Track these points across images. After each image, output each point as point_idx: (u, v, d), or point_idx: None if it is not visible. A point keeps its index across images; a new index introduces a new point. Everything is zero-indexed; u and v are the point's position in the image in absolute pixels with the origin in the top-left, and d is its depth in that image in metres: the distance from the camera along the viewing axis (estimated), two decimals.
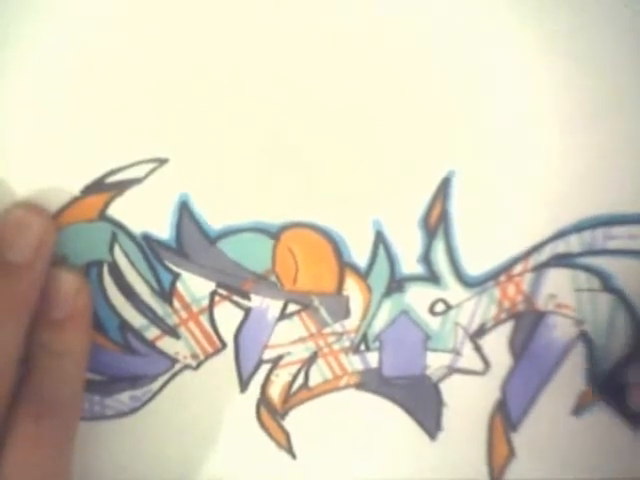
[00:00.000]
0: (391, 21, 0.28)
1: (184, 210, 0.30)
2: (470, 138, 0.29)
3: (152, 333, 0.31)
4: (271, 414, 0.33)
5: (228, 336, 0.32)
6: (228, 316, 0.31)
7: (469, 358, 0.33)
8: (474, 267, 0.31)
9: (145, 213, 0.30)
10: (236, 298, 0.31)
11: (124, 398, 0.32)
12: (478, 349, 0.32)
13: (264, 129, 0.29)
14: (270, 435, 0.34)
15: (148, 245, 0.30)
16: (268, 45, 0.28)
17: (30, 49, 0.27)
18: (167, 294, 0.31)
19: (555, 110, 0.29)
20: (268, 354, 0.32)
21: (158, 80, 0.28)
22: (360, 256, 0.31)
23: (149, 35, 0.27)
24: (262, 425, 0.33)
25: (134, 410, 0.33)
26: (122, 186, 0.29)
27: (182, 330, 0.32)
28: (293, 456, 0.34)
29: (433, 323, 0.32)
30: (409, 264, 0.31)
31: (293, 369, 0.33)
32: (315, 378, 0.33)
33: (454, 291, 0.31)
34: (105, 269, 0.30)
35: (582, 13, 0.28)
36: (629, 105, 0.29)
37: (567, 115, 0.29)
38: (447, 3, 0.28)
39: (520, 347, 0.32)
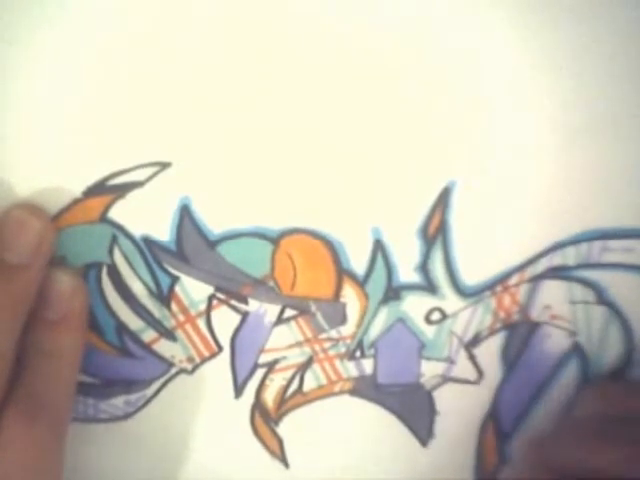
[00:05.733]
0: (393, 33, 0.28)
1: (185, 213, 0.30)
2: (471, 150, 0.29)
3: (149, 336, 0.31)
4: (265, 420, 0.33)
5: (225, 340, 0.32)
6: (225, 320, 0.31)
7: (463, 367, 0.33)
8: (471, 277, 0.31)
9: (146, 216, 0.30)
10: (234, 302, 0.31)
11: (118, 403, 0.32)
12: (472, 358, 0.33)
13: (266, 135, 0.29)
14: (263, 442, 0.34)
15: (148, 248, 0.30)
16: (271, 54, 0.28)
17: (32, 50, 0.27)
18: (165, 297, 0.31)
19: (554, 124, 0.29)
20: (263, 358, 0.32)
21: (162, 84, 0.28)
22: (358, 263, 0.31)
23: (152, 39, 0.27)
24: (255, 431, 0.33)
25: (128, 415, 0.33)
26: (124, 189, 0.29)
27: (179, 333, 0.32)
28: (285, 463, 0.34)
29: (428, 332, 0.32)
30: (407, 272, 0.31)
31: (288, 374, 0.33)
32: (310, 383, 0.33)
33: (450, 300, 0.32)
34: (104, 271, 0.30)
35: (583, 28, 0.28)
36: (627, 120, 0.29)
37: (566, 129, 0.29)
38: (449, 17, 0.28)
39: (514, 357, 0.33)
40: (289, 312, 0.32)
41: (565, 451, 0.30)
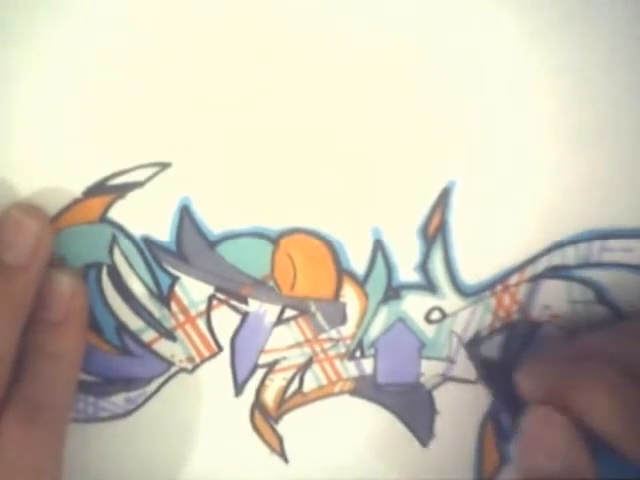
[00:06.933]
0: (394, 33, 0.28)
1: (185, 214, 0.30)
2: (471, 150, 0.29)
3: (149, 336, 0.31)
4: (265, 418, 0.33)
5: (225, 340, 0.32)
6: (225, 320, 0.31)
7: (463, 366, 0.33)
8: (471, 276, 0.31)
9: (146, 216, 0.30)
10: (234, 302, 0.31)
11: (119, 400, 0.32)
12: (472, 358, 0.33)
13: (266, 135, 0.29)
14: (263, 439, 0.34)
15: (148, 248, 0.30)
16: (271, 54, 0.28)
17: (33, 51, 0.27)
18: (165, 297, 0.31)
19: (554, 124, 0.29)
20: (264, 358, 0.32)
21: (162, 84, 0.28)
22: (358, 263, 0.31)
23: (153, 39, 0.27)
24: (256, 429, 0.33)
25: (128, 412, 0.33)
26: (124, 189, 0.29)
27: (179, 333, 0.32)
28: (285, 460, 0.34)
29: (428, 331, 0.32)
30: (407, 272, 0.31)
31: (288, 374, 0.33)
32: (310, 383, 0.33)
33: (450, 300, 0.32)
34: (104, 271, 0.30)
35: (583, 28, 0.28)
36: (627, 120, 0.29)
37: (566, 130, 0.29)
38: (449, 17, 0.28)
39: (514, 357, 0.33)
40: (289, 312, 0.32)
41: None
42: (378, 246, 0.31)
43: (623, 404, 0.27)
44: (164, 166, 0.29)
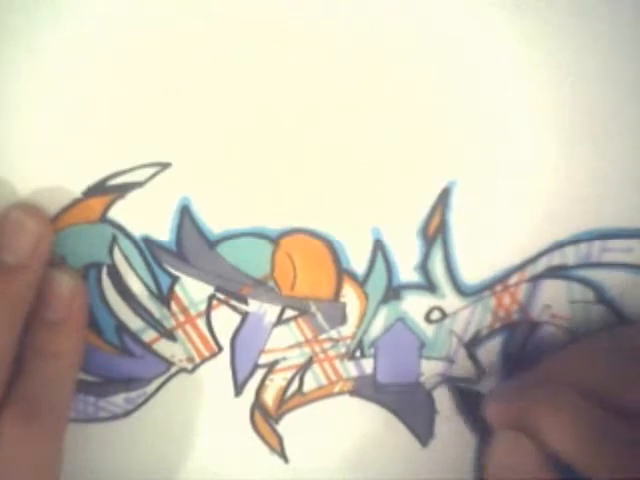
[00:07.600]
0: (393, 33, 0.28)
1: (185, 214, 0.30)
2: (471, 150, 0.29)
3: (149, 336, 0.31)
4: (265, 418, 0.33)
5: (225, 340, 0.32)
6: (225, 320, 0.31)
7: (463, 366, 0.33)
8: (471, 276, 0.31)
9: (146, 216, 0.30)
10: (234, 302, 0.31)
11: (118, 400, 0.32)
12: (472, 357, 0.33)
13: (266, 135, 0.29)
14: (263, 439, 0.34)
15: (148, 248, 0.30)
16: (271, 54, 0.28)
17: (33, 50, 0.27)
18: (165, 297, 0.31)
19: (555, 125, 0.29)
20: (264, 359, 0.32)
21: (162, 84, 0.28)
22: (358, 263, 0.31)
23: (153, 39, 0.27)
24: (255, 429, 0.33)
25: (128, 413, 0.33)
26: (124, 189, 0.29)
27: (179, 333, 0.32)
28: (285, 460, 0.34)
29: (428, 331, 0.32)
30: (407, 272, 0.31)
31: (288, 374, 0.33)
32: (309, 384, 0.33)
33: (450, 299, 0.32)
34: (104, 271, 0.30)
35: (583, 28, 0.28)
36: (627, 120, 0.29)
37: (566, 129, 0.29)
38: (449, 17, 0.28)
39: (514, 356, 0.33)
40: (289, 312, 0.32)
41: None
42: (378, 246, 0.31)
43: (581, 426, 0.27)
44: (164, 166, 0.29)
